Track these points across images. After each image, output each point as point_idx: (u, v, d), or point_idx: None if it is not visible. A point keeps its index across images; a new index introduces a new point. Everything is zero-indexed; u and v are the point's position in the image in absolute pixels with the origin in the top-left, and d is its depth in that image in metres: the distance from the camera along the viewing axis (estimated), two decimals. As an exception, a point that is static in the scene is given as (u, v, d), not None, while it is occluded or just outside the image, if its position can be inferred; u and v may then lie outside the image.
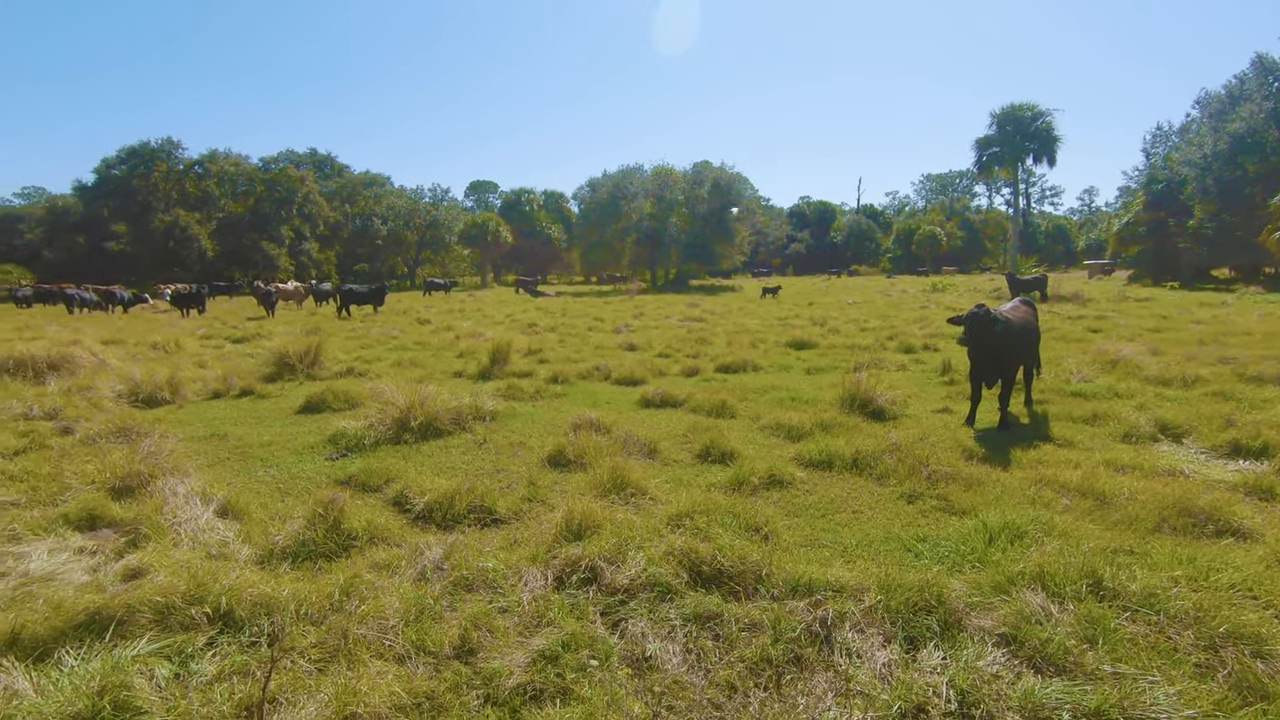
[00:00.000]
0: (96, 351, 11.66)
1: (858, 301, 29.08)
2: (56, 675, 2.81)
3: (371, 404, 7.97)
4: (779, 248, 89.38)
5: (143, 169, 58.35)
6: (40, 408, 8.00)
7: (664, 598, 3.49)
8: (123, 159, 58.64)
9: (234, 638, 3.17)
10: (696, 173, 58.13)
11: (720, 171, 56.96)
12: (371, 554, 4.13)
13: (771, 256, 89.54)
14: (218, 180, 62.80)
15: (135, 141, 59.55)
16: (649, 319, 22.18)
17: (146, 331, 18.32)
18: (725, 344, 14.65)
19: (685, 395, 8.74)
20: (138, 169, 58.29)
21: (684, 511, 4.48)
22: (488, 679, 2.86)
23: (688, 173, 58.85)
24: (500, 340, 12.21)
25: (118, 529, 4.58)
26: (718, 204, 55.40)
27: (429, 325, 20.57)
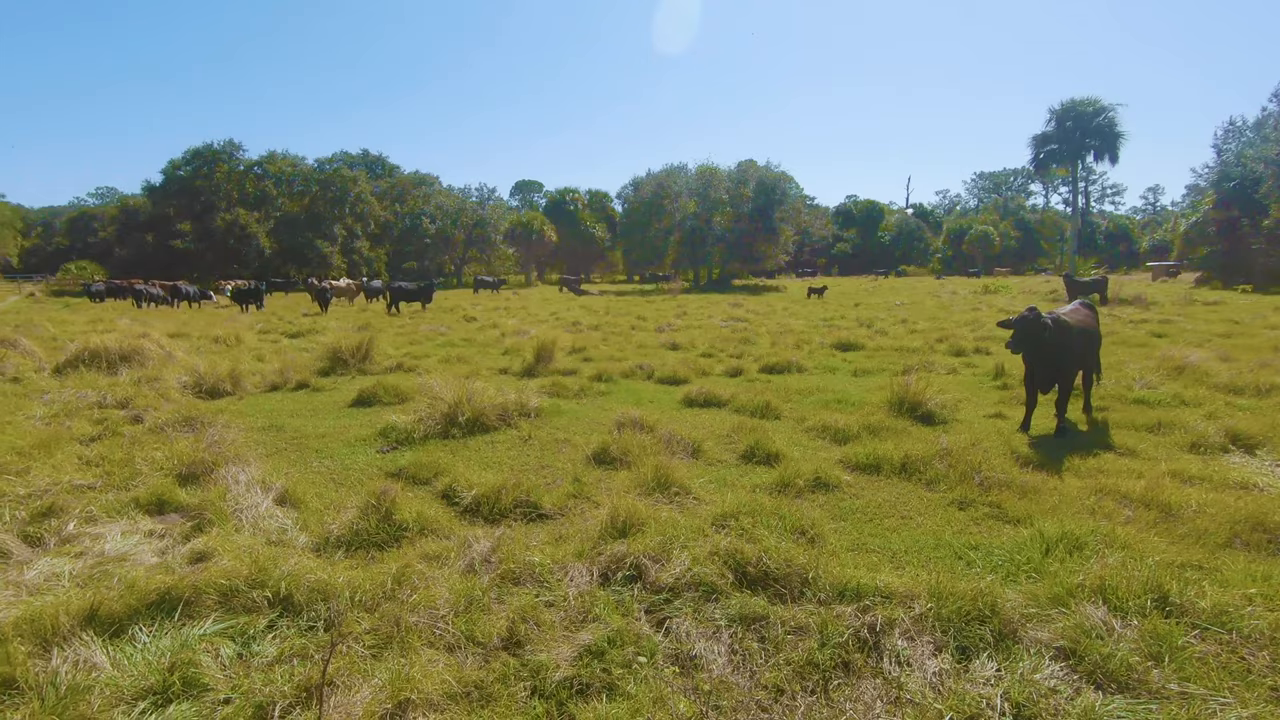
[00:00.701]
0: (164, 344, 12.21)
1: (906, 303, 28.46)
2: (131, 651, 2.96)
3: (420, 399, 8.15)
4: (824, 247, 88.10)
5: (206, 170, 60.85)
6: (113, 397, 8.42)
7: (709, 598, 3.48)
8: (188, 160, 61.25)
9: (293, 621, 3.29)
10: (741, 171, 57.71)
11: (765, 170, 56.43)
12: (421, 545, 4.23)
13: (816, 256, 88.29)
14: (275, 180, 65.06)
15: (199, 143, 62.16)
16: (692, 318, 22.12)
17: (209, 326, 19.10)
18: (769, 344, 14.51)
19: (729, 395, 8.69)
20: (201, 170, 60.82)
21: (728, 512, 4.47)
22: (535, 671, 2.90)
23: (732, 171, 58.47)
24: (545, 338, 12.35)
25: (184, 514, 4.80)
26: (762, 203, 54.87)
27: (475, 322, 20.92)
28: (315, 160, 71.25)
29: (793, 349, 13.40)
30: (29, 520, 4.48)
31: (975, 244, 75.97)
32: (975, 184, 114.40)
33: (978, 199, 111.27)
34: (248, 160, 64.07)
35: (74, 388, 8.94)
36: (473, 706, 2.70)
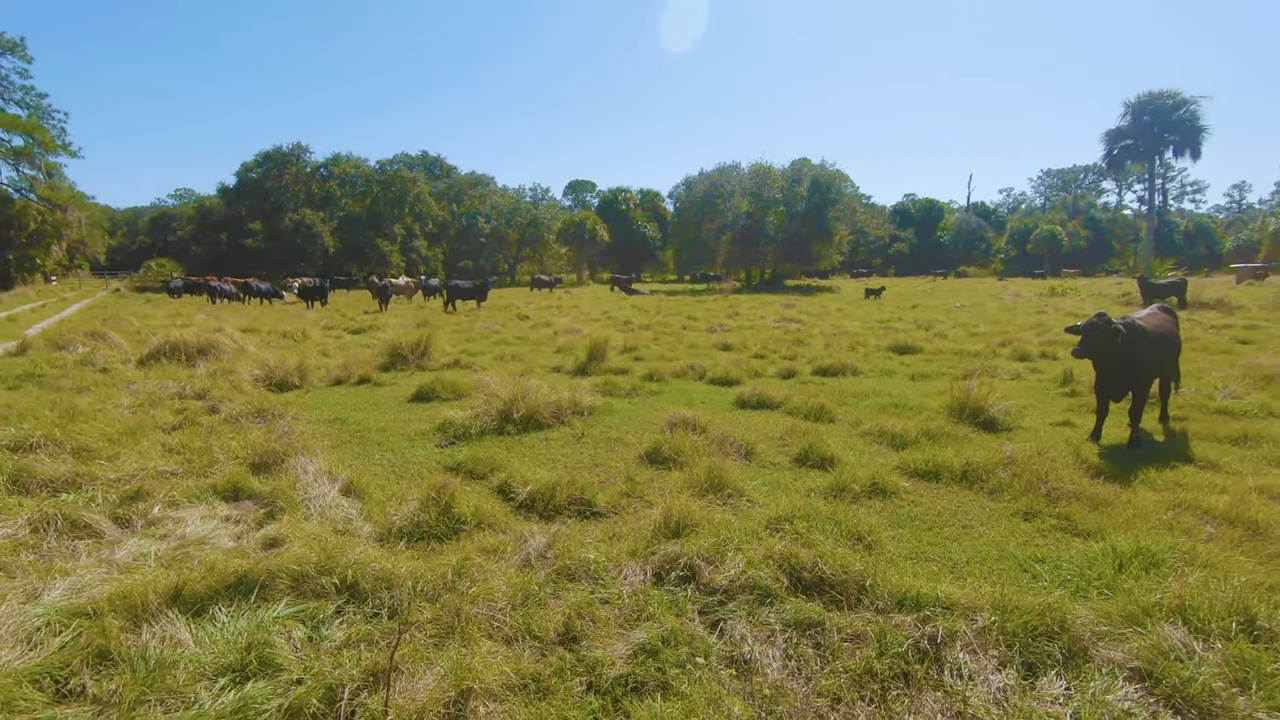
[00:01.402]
0: (236, 339, 12.83)
1: (966, 305, 27.58)
2: (211, 630, 3.13)
3: (477, 395, 8.34)
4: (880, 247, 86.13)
5: (275, 172, 63.64)
6: (191, 388, 8.90)
7: (763, 601, 3.46)
8: (259, 163, 64.18)
9: (359, 608, 3.42)
10: (795, 170, 56.93)
11: (820, 169, 55.52)
12: (479, 538, 4.33)
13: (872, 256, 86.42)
14: (339, 181, 67.53)
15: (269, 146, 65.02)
16: (743, 319, 21.95)
17: (277, 321, 19.96)
18: (823, 346, 14.28)
19: (782, 397, 8.60)
20: (271, 172, 63.64)
21: (782, 515, 4.43)
22: (590, 667, 2.94)
23: (786, 170, 57.72)
24: (597, 337, 12.46)
25: (257, 501, 5.04)
26: (816, 202, 53.98)
27: (528, 321, 21.25)
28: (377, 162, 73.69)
29: (847, 351, 13.16)
30: (119, 503, 4.77)
31: (1041, 244, 73.01)
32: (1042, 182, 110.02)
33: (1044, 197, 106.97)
34: (314, 162, 66.76)
35: (156, 379, 9.49)
36: (530, 699, 2.75)
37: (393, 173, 71.39)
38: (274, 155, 64.35)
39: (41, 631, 3.10)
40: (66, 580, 3.63)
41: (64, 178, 50.99)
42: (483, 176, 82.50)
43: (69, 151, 50.40)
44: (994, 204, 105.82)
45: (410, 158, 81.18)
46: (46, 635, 3.07)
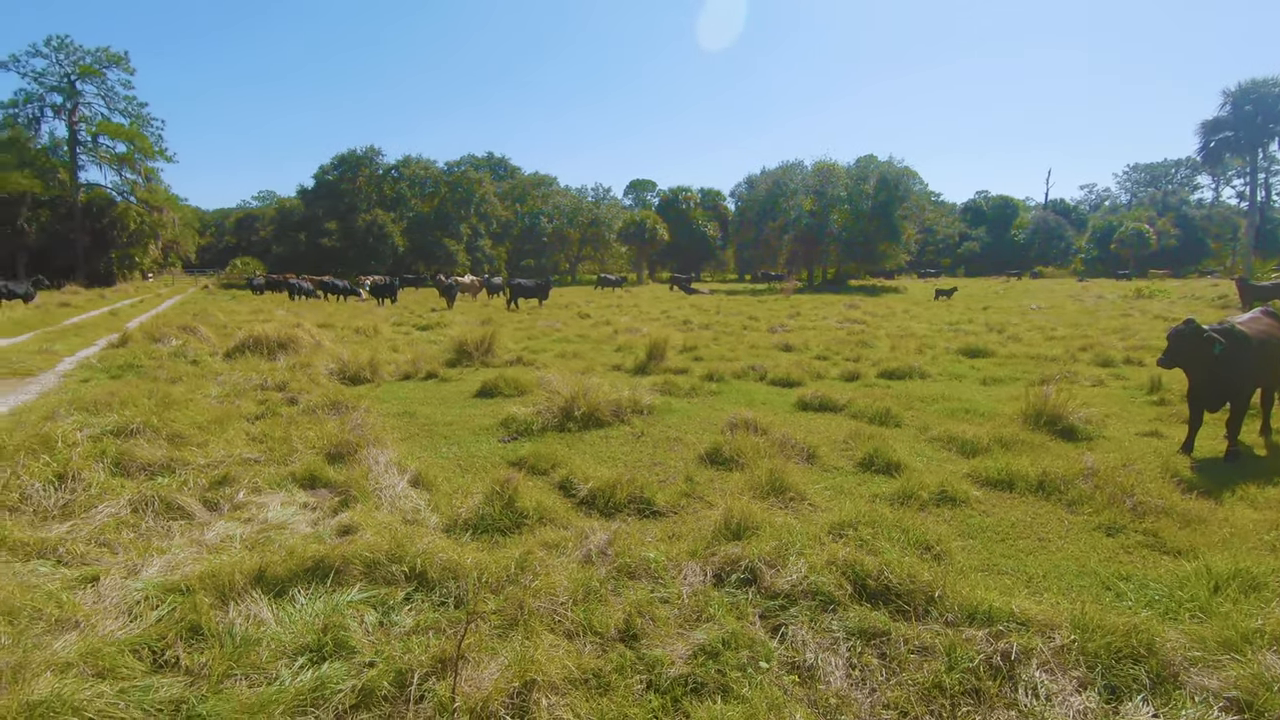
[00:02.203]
0: (313, 334, 13.45)
1: (1043, 307, 26.33)
2: (291, 610, 3.29)
3: (539, 392, 8.49)
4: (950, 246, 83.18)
5: (350, 174, 66.37)
6: (272, 380, 9.37)
7: (826, 608, 3.39)
8: (335, 165, 67.03)
9: (427, 596, 3.53)
10: (861, 167, 55.59)
11: (887, 166, 53.98)
12: (541, 533, 4.41)
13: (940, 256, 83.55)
14: (409, 183, 69.85)
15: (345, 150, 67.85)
16: (805, 319, 21.58)
17: (350, 317, 20.81)
18: (889, 348, 13.90)
19: (845, 400, 8.41)
20: (346, 174, 66.38)
21: (846, 521, 4.34)
22: (650, 665, 2.95)
23: (851, 168, 56.43)
24: (657, 336, 12.49)
25: (332, 489, 5.27)
26: (883, 200, 52.52)
27: (589, 319, 21.47)
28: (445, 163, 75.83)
29: (914, 354, 12.75)
30: (208, 487, 5.07)
31: (1126, 243, 68.90)
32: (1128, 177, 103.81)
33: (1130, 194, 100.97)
34: (386, 164, 69.24)
35: (241, 371, 10.03)
36: (591, 694, 2.78)
37: (459, 174, 73.34)
38: (349, 158, 67.11)
39: (140, 605, 3.33)
40: (162, 558, 3.89)
41: (160, 181, 54.59)
42: (546, 177, 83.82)
43: (165, 157, 53.92)
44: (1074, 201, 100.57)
45: (476, 159, 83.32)
46: (145, 609, 3.29)
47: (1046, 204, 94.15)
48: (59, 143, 49.89)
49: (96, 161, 50.42)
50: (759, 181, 60.98)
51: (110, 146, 50.83)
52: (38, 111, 49.14)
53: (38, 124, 49.42)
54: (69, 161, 49.24)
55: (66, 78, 48.99)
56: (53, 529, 4.15)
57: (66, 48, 48.58)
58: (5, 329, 17.39)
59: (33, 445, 5.25)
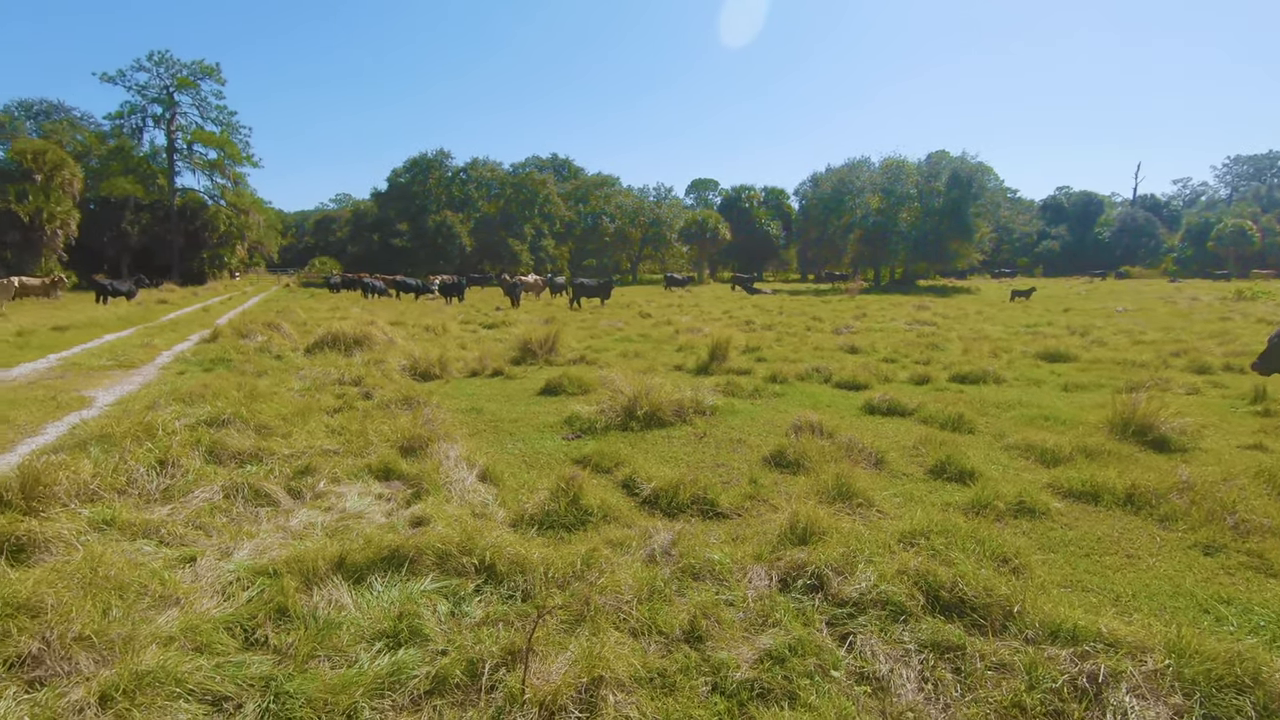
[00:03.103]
0: (386, 331, 13.98)
1: (1130, 309, 24.84)
2: (369, 597, 3.44)
3: (601, 390, 8.56)
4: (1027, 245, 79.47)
5: (421, 176, 68.61)
6: (348, 375, 9.79)
7: (896, 618, 3.30)
8: (407, 168, 69.44)
9: (496, 588, 3.62)
10: (931, 164, 53.74)
11: (960, 161, 51.94)
12: (605, 531, 4.45)
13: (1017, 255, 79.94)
14: (476, 184, 71.67)
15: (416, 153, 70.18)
16: (872, 320, 21.03)
17: (420, 315, 21.52)
18: (961, 351, 13.40)
19: (915, 404, 8.16)
20: (417, 177, 68.67)
21: (917, 530, 4.21)
22: (715, 668, 2.94)
23: (921, 164, 54.63)
24: (719, 336, 12.41)
25: (405, 481, 5.46)
26: (955, 197, 50.56)
27: (650, 319, 21.52)
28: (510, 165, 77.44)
29: (988, 357, 12.25)
30: (292, 476, 5.34)
31: (1226, 241, 64.23)
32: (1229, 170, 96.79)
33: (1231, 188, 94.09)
34: (455, 167, 71.26)
35: (320, 366, 10.53)
36: (656, 693, 2.79)
37: (524, 175, 74.73)
38: (420, 161, 69.43)
39: (233, 585, 3.54)
40: (251, 542, 4.13)
41: (247, 185, 57.89)
42: (608, 177, 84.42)
43: (252, 162, 57.10)
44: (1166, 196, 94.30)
45: (541, 160, 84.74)
46: (237, 589, 3.50)
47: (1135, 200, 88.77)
48: (158, 150, 53.59)
49: (191, 167, 53.93)
50: (824, 179, 59.80)
51: (203, 153, 54.26)
52: (140, 122, 52.90)
53: (140, 133, 53.23)
54: (167, 168, 52.82)
55: (165, 89, 52.53)
56: (155, 511, 4.46)
57: (166, 61, 52.09)
58: (112, 324, 18.78)
59: (137, 433, 5.65)
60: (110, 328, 17.95)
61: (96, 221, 46.71)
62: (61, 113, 51.53)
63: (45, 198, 39.59)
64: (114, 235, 48.51)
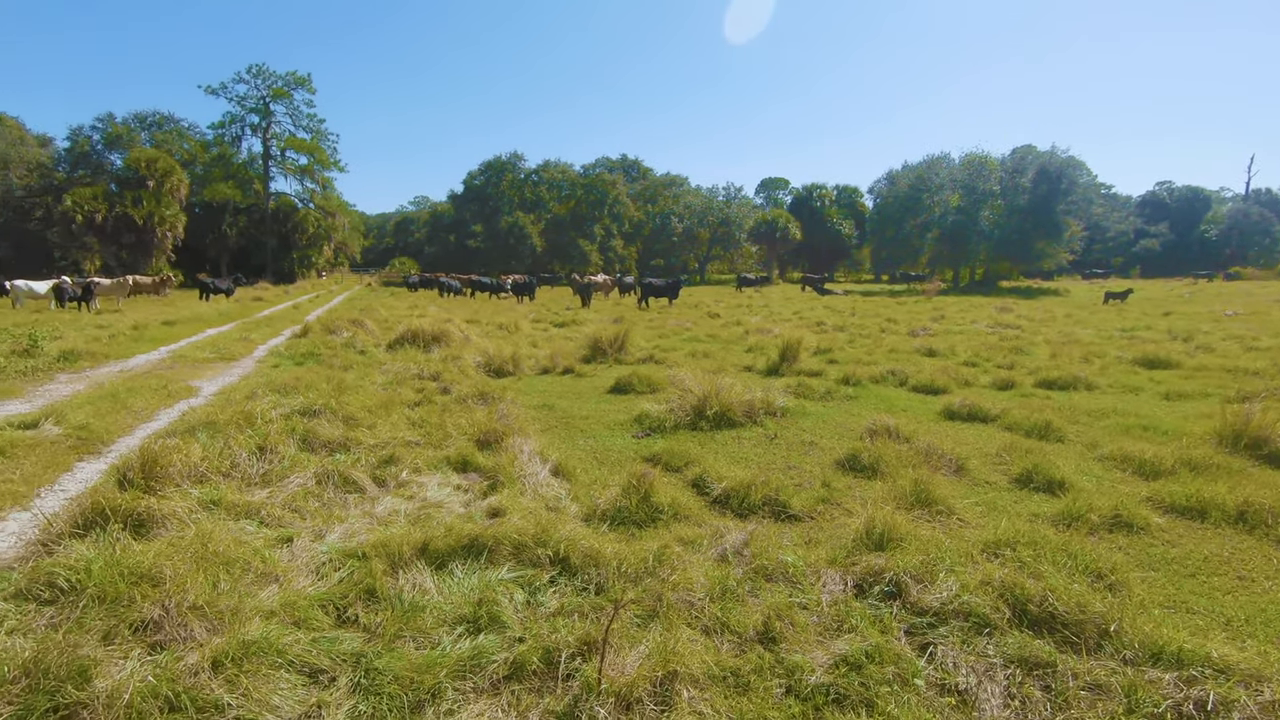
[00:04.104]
0: (462, 329, 14.45)
1: (1241, 313, 22.95)
2: (450, 583, 3.57)
3: (670, 390, 8.59)
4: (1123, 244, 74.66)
5: (495, 179, 70.53)
6: (427, 371, 10.17)
7: (980, 630, 3.18)
8: (482, 171, 71.53)
9: (569, 580, 3.69)
10: (1017, 159, 51.10)
11: (1048, 156, 49.18)
12: (676, 529, 4.47)
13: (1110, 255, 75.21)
14: (548, 186, 73.09)
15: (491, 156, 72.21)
16: (951, 322, 20.24)
17: (494, 314, 22.14)
18: (1048, 355, 12.73)
19: (998, 410, 7.81)
20: (491, 179, 70.62)
21: (1002, 540, 4.04)
22: (789, 671, 2.91)
23: (1006, 159, 52.04)
24: (790, 337, 12.22)
25: (481, 474, 5.64)
26: (1043, 193, 47.95)
27: (718, 319, 21.41)
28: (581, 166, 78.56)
29: (1079, 362, 11.59)
30: (377, 465, 5.61)
31: (1355, 239, 58.37)
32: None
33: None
34: (527, 169, 72.91)
35: (400, 362, 10.98)
36: (729, 692, 2.79)
37: (594, 176, 75.65)
38: (494, 164, 71.40)
39: (325, 566, 3.75)
40: (341, 526, 4.36)
41: (334, 189, 61.05)
42: (677, 177, 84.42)
43: (339, 167, 60.14)
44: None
45: (611, 161, 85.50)
46: (329, 569, 3.70)
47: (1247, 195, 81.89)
48: (255, 157, 57.16)
49: (283, 172, 57.28)
50: (900, 177, 57.87)
51: (295, 159, 57.54)
52: (239, 130, 56.59)
53: (239, 141, 56.95)
54: (262, 173, 56.28)
55: (262, 100, 55.97)
56: (255, 494, 4.77)
57: (263, 74, 55.48)
58: (214, 320, 20.16)
59: (239, 421, 6.06)
60: (212, 323, 19.28)
61: (200, 224, 50.25)
62: (171, 123, 55.58)
63: (156, 202, 42.89)
64: (215, 237, 52.04)
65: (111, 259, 42.49)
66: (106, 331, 15.25)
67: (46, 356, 10.96)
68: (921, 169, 55.60)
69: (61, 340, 12.55)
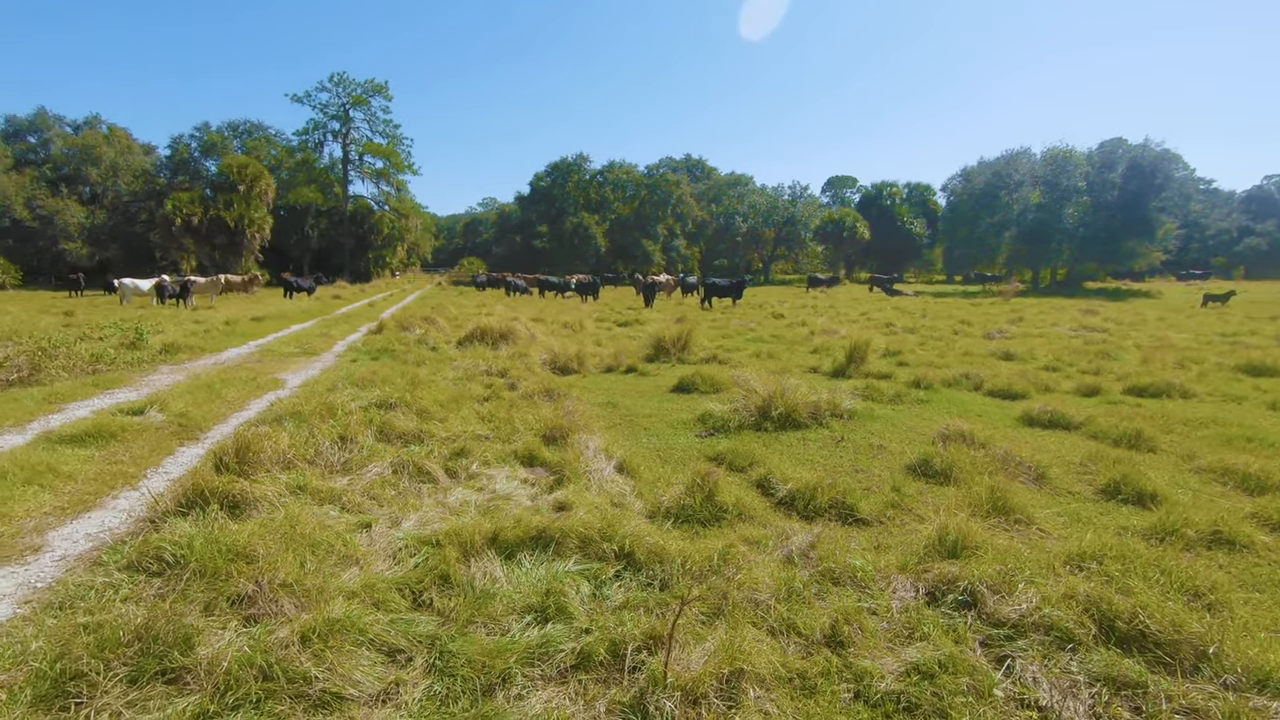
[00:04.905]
0: (528, 327, 14.75)
1: (1362, 317, 21.01)
2: (519, 572, 3.67)
3: (734, 390, 8.53)
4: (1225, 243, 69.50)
5: (560, 180, 71.70)
6: (495, 367, 10.43)
7: (1062, 646, 3.04)
8: (549, 173, 72.84)
9: (634, 576, 3.72)
10: (1105, 153, 48.22)
11: (1140, 149, 46.21)
12: (740, 529, 4.45)
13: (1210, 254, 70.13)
14: (612, 186, 73.74)
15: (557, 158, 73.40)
16: (1030, 325, 19.33)
17: (558, 313, 22.50)
18: (1138, 360, 11.99)
19: (1082, 417, 7.42)
20: (557, 180, 71.81)
21: (1086, 552, 3.85)
22: (858, 676, 2.85)
23: (1093, 153, 49.19)
24: (857, 338, 11.94)
25: (547, 469, 5.75)
26: (1134, 189, 45.11)
27: (783, 319, 21.11)
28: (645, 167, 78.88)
29: (1173, 369, 10.88)
30: (449, 457, 5.80)
31: None
32: None
33: None
34: (592, 170, 73.78)
35: (470, 358, 11.30)
36: (796, 694, 2.76)
37: (658, 176, 75.85)
38: (560, 166, 72.62)
39: (401, 552, 3.91)
40: (416, 514, 4.53)
41: (408, 191, 63.37)
42: (741, 176, 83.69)
43: (413, 170, 62.45)
44: None
45: (675, 161, 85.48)
46: (405, 555, 3.86)
47: (1372, 188, 74.86)
48: (335, 161, 59.98)
49: (361, 176, 59.87)
50: (976, 174, 55.48)
51: (371, 163, 60.05)
52: (321, 136, 59.48)
53: (321, 147, 59.89)
54: (342, 177, 58.97)
55: (343, 107, 58.65)
56: (337, 481, 5.02)
57: (344, 82, 58.13)
58: (297, 317, 21.26)
59: (322, 412, 6.38)
60: (295, 319, 20.33)
61: (284, 226, 53.11)
62: (260, 131, 59.00)
63: (246, 205, 45.57)
64: (298, 238, 54.89)
65: (205, 259, 45.46)
66: (202, 327, 16.30)
67: (150, 349, 11.81)
68: (999, 165, 53.21)
69: (163, 334, 13.51)
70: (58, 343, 10.66)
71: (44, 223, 42.71)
